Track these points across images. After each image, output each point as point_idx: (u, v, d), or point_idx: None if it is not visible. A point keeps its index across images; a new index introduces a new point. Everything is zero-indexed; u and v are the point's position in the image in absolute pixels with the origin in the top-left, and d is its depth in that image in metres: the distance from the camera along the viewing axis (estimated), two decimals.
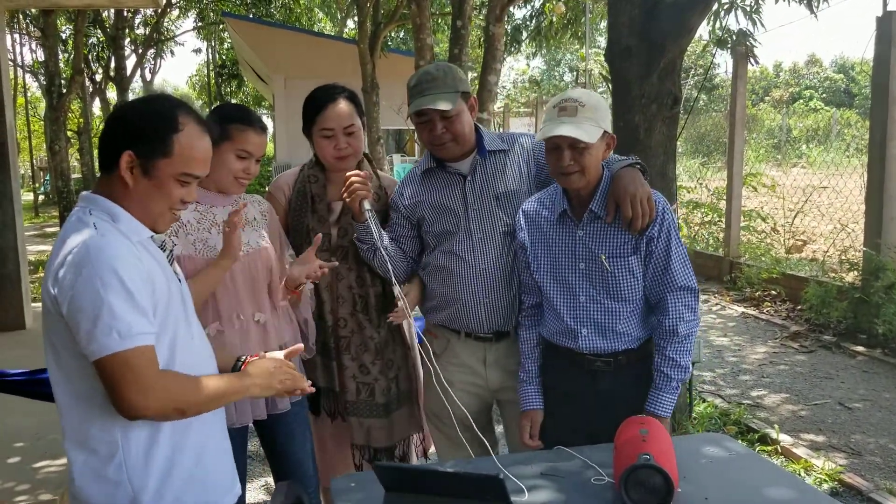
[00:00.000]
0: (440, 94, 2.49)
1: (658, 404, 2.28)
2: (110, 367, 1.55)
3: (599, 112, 2.23)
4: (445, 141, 2.54)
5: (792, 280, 7.64)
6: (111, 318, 1.54)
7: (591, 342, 2.32)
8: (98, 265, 1.55)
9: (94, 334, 1.54)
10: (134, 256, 1.62)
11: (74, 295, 1.55)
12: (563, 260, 2.36)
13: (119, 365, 1.55)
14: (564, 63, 45.17)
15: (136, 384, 1.56)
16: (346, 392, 2.71)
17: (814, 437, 4.46)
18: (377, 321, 2.72)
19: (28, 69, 25.78)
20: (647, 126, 4.10)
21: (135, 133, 1.66)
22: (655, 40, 4.00)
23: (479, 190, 2.59)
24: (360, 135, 2.68)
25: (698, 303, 2.34)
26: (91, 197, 1.71)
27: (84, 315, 1.54)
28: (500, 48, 9.26)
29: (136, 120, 1.68)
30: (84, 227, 1.62)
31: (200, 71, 34.16)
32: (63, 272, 1.56)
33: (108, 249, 1.58)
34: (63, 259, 1.58)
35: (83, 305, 1.54)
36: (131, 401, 1.57)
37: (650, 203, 2.24)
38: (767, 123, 19.31)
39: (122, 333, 1.55)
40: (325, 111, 2.63)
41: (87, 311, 1.54)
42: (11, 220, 7.22)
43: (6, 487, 3.83)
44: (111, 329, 1.54)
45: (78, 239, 1.59)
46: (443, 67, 2.57)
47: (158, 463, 1.69)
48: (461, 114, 2.53)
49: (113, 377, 1.56)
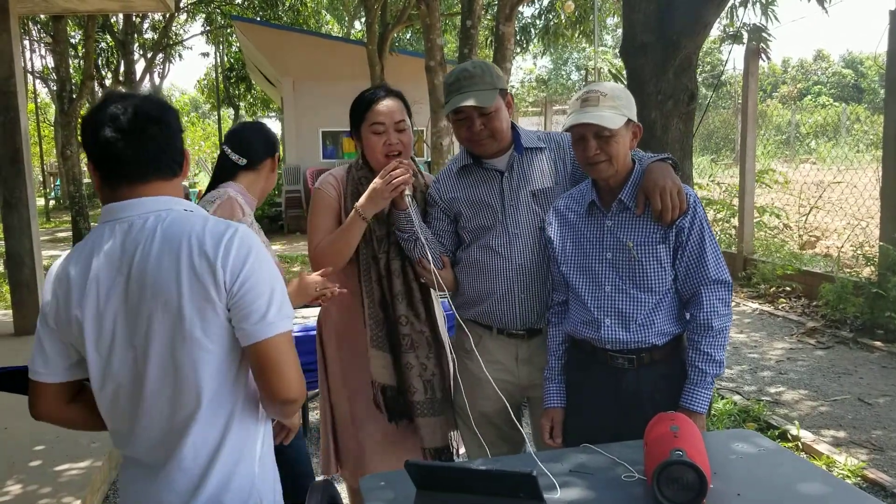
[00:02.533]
0: (478, 91, 2.49)
1: (693, 400, 2.27)
2: (278, 346, 1.61)
3: (622, 100, 2.24)
4: (483, 137, 2.55)
5: (807, 276, 7.61)
6: (282, 299, 1.64)
7: (614, 333, 2.31)
8: (260, 251, 1.65)
9: (269, 314, 1.60)
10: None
11: (248, 275, 1.60)
12: (590, 250, 2.36)
13: (286, 344, 1.63)
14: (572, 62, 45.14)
15: (293, 363, 1.64)
16: (416, 392, 2.68)
17: (835, 433, 4.43)
18: (425, 315, 2.72)
19: (38, 75, 25.91)
20: (664, 123, 4.08)
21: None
22: (671, 36, 3.98)
23: (517, 186, 2.59)
24: (409, 133, 2.68)
25: (731, 297, 2.33)
26: (164, 200, 1.71)
27: (260, 296, 1.60)
28: (510, 47, 9.26)
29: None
30: (209, 217, 1.69)
31: (209, 74, 34.23)
32: (231, 253, 1.60)
33: (255, 237, 1.67)
34: (227, 243, 1.60)
35: (259, 286, 1.60)
36: (289, 379, 1.63)
37: (681, 196, 2.24)
38: (776, 119, 19.25)
39: (289, 315, 1.65)
40: (375, 106, 2.64)
41: (263, 291, 1.61)
42: (27, 226, 7.26)
43: (29, 490, 3.84)
44: (283, 309, 1.63)
45: (222, 225, 1.65)
46: (480, 64, 2.58)
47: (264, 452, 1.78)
48: (499, 110, 2.54)
49: (279, 357, 1.61)
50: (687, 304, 2.35)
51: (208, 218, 1.67)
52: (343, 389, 2.80)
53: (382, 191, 2.51)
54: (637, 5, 4.11)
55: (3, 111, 7.10)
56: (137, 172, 1.67)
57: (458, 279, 2.76)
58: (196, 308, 1.59)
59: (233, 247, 1.61)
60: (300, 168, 16.79)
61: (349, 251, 2.63)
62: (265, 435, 1.80)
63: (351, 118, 2.70)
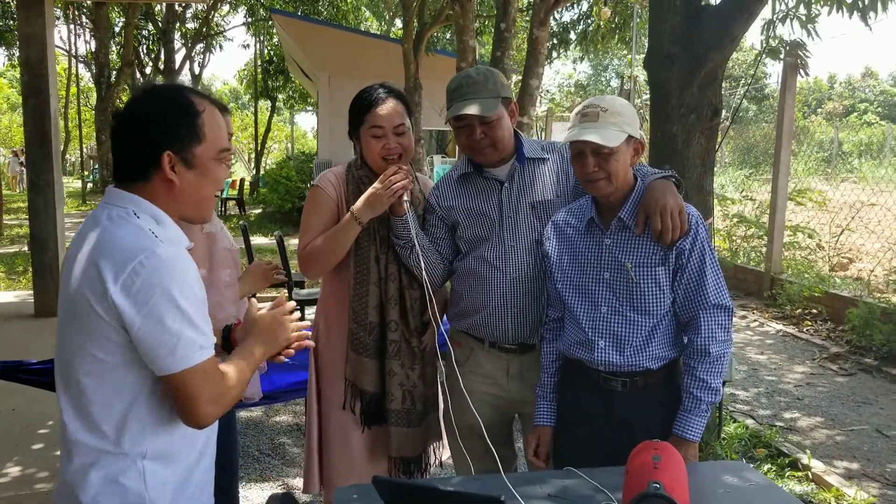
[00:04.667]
0: (480, 98, 2.43)
1: (686, 427, 2.19)
2: (191, 378, 1.54)
3: (623, 116, 2.16)
4: (484, 146, 2.49)
5: (835, 299, 7.41)
6: (194, 331, 1.53)
7: (607, 355, 2.24)
8: (174, 277, 1.51)
9: (178, 348, 1.51)
10: (193, 266, 1.60)
11: (154, 308, 1.49)
12: (588, 269, 2.29)
13: (199, 377, 1.54)
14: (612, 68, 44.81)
15: (210, 394, 1.56)
16: (393, 400, 2.63)
17: (848, 464, 4.30)
18: (419, 325, 2.67)
19: (81, 59, 26.34)
20: (685, 137, 3.99)
21: (166, 131, 1.62)
22: (697, 49, 3.89)
23: (516, 197, 2.53)
24: (410, 135, 2.63)
25: (731, 322, 2.24)
26: (129, 196, 1.63)
27: (167, 329, 1.50)
28: (543, 52, 9.17)
29: (164, 118, 1.62)
30: (139, 231, 1.56)
31: (248, 66, 34.54)
32: (136, 282, 1.49)
33: (177, 260, 1.55)
34: (132, 267, 1.49)
35: (165, 319, 1.50)
36: (203, 410, 1.56)
37: (682, 216, 2.16)
38: (818, 136, 18.91)
39: (203, 346, 1.55)
40: (374, 109, 2.58)
41: (169, 324, 1.50)
42: (52, 209, 7.33)
43: (28, 473, 3.87)
44: (195, 342, 1.53)
45: (141, 245, 1.52)
46: (483, 71, 2.52)
47: (174, 476, 1.66)
48: (501, 119, 2.48)
49: (191, 389, 1.54)
50: (685, 328, 2.27)
51: (125, 237, 1.55)
52: (336, 397, 2.74)
53: (381, 196, 2.47)
54: (664, 16, 4.03)
55: (34, 94, 7.19)
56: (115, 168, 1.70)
57: (453, 289, 2.70)
58: (83, 312, 1.54)
59: (140, 273, 1.50)
60: (332, 163, 16.83)
61: (340, 254, 2.58)
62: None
63: (350, 118, 2.65)
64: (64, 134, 28.55)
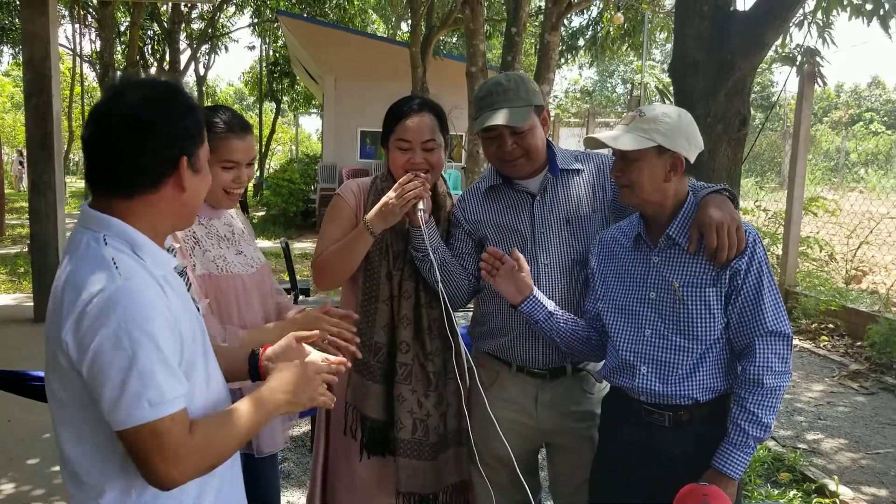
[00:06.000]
0: (512, 107, 2.26)
1: (728, 463, 2.00)
2: (137, 438, 1.34)
3: (659, 126, 1.99)
4: (516, 157, 2.32)
5: (852, 314, 7.23)
6: (141, 384, 1.32)
7: (649, 383, 2.06)
8: (126, 320, 1.32)
9: (120, 403, 1.32)
10: (162, 303, 1.38)
11: (98, 353, 1.32)
12: (633, 287, 2.12)
13: (148, 436, 1.34)
14: (618, 74, 44.69)
15: (166, 456, 1.35)
16: (402, 429, 2.43)
17: (875, 490, 4.12)
18: (434, 349, 2.48)
19: (86, 59, 26.23)
20: (712, 147, 3.82)
21: (182, 134, 1.45)
22: (725, 56, 3.72)
23: (549, 211, 2.36)
24: (439, 152, 2.45)
25: (791, 352, 2.05)
26: (103, 220, 1.43)
27: (109, 380, 1.32)
28: (555, 57, 9.02)
29: (178, 120, 1.45)
30: (103, 264, 1.36)
31: (253, 68, 34.42)
32: (83, 324, 1.32)
33: (135, 298, 1.34)
34: (83, 307, 1.32)
35: (108, 369, 1.32)
36: (161, 472, 1.36)
37: (739, 233, 1.99)
38: (825, 145, 18.75)
39: (153, 401, 1.33)
40: (404, 121, 2.42)
41: (112, 375, 1.32)
42: (53, 210, 7.19)
43: (22, 491, 3.71)
44: (140, 397, 1.32)
45: (98, 281, 1.34)
46: (514, 77, 2.34)
47: None
48: (534, 129, 2.31)
49: (141, 449, 1.35)
50: (738, 356, 2.08)
51: (84, 274, 1.37)
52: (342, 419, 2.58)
53: (394, 206, 2.30)
54: (690, 20, 3.87)
55: (37, 93, 7.05)
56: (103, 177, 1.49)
57: (478, 308, 2.54)
58: (52, 353, 1.40)
59: (89, 314, 1.33)
60: (336, 166, 16.71)
61: (353, 265, 2.42)
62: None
63: (383, 127, 2.51)
64: (67, 134, 28.44)
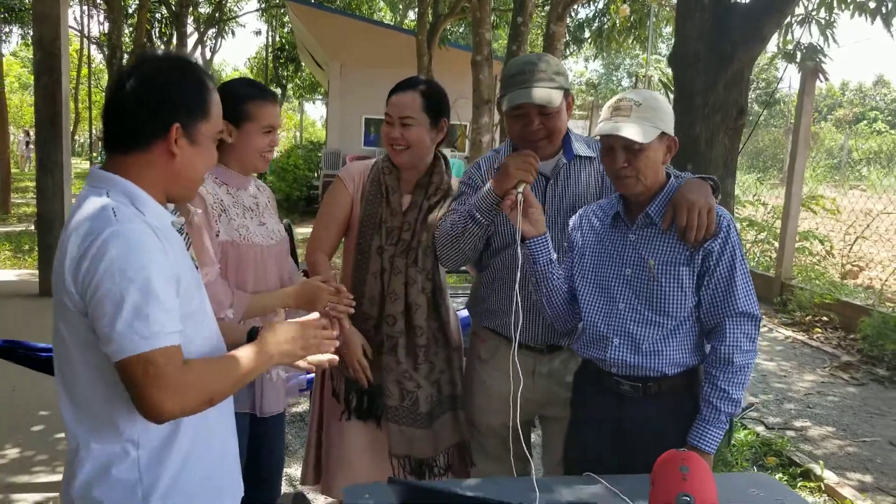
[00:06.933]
0: (544, 87, 2.30)
1: (703, 438, 2.10)
2: (131, 369, 1.43)
3: (658, 112, 2.08)
4: (540, 137, 2.37)
5: (846, 307, 7.32)
6: (133, 317, 1.42)
7: (621, 355, 2.15)
8: (120, 259, 1.42)
9: (114, 335, 1.42)
10: (158, 249, 1.49)
11: (95, 291, 1.42)
12: (609, 264, 2.21)
13: (141, 367, 1.43)
14: (624, 68, 44.65)
15: (159, 387, 1.44)
16: (390, 396, 2.54)
17: (861, 476, 4.22)
18: (425, 323, 2.57)
19: (94, 41, 26.29)
20: (709, 137, 3.91)
21: (181, 103, 1.56)
22: (724, 48, 3.80)
23: (560, 196, 2.44)
24: (418, 130, 2.52)
25: (758, 332, 2.15)
26: (107, 176, 1.56)
27: (105, 314, 1.42)
28: (560, 48, 9.09)
29: (180, 89, 1.57)
30: (102, 212, 1.48)
31: (259, 53, 34.45)
32: (83, 265, 1.44)
33: (130, 240, 1.45)
34: (83, 250, 1.44)
35: (104, 303, 1.42)
36: (155, 404, 1.45)
37: (710, 216, 2.07)
38: (828, 143, 18.79)
39: (144, 334, 1.42)
40: (390, 97, 2.55)
41: (107, 308, 1.42)
42: (60, 189, 7.27)
43: (26, 456, 3.81)
44: (132, 330, 1.42)
45: (97, 227, 1.45)
46: (545, 58, 2.38)
47: (173, 462, 1.58)
48: (561, 111, 2.37)
49: (135, 380, 1.44)
50: (708, 334, 2.18)
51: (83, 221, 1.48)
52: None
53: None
54: (691, 13, 3.94)
55: (47, 72, 7.12)
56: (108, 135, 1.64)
57: (480, 284, 2.62)
58: (59, 299, 1.52)
59: (88, 256, 1.44)
60: (340, 153, 16.78)
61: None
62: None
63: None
64: (73, 115, 28.52)
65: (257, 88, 2.37)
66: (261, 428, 2.44)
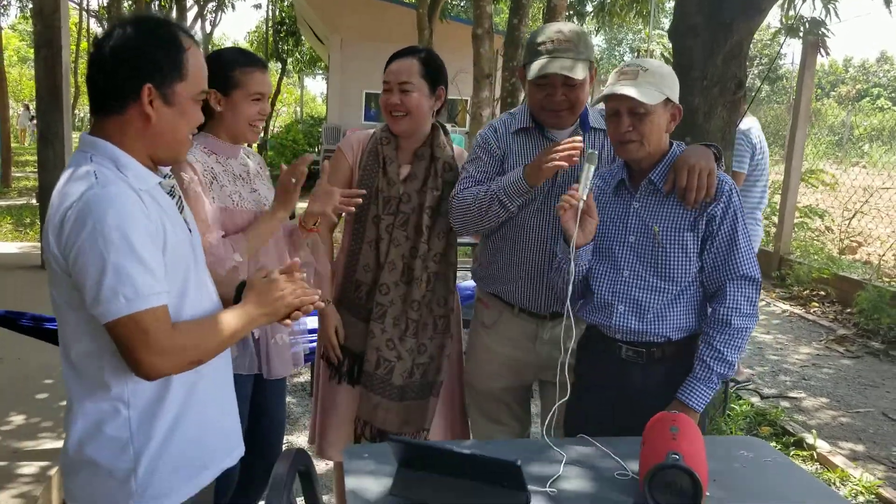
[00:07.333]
0: (572, 59, 2.31)
1: (692, 395, 2.13)
2: (119, 330, 1.47)
3: (665, 79, 2.11)
4: (563, 108, 2.39)
5: (843, 282, 7.37)
6: (116, 279, 1.44)
7: (626, 321, 2.20)
8: (100, 221, 1.43)
9: (99, 297, 1.44)
10: (140, 210, 1.50)
11: (77, 254, 1.45)
12: (613, 231, 2.25)
13: (129, 328, 1.46)
14: (626, 42, 44.35)
15: (149, 347, 1.47)
16: (367, 362, 2.59)
17: (853, 446, 4.29)
18: (420, 299, 2.60)
19: (93, 14, 26.12)
20: (707, 110, 3.92)
21: (149, 63, 1.55)
22: (724, 19, 3.81)
23: (574, 168, 2.47)
24: (417, 96, 2.54)
25: (758, 296, 2.19)
26: (91, 140, 1.57)
27: (88, 276, 1.44)
28: (562, 20, 9.04)
29: (148, 49, 1.55)
30: (84, 175, 1.50)
31: (259, 27, 34.20)
32: (65, 228, 1.46)
33: (110, 203, 1.45)
34: (64, 213, 1.46)
35: (87, 266, 1.44)
36: (146, 363, 1.49)
37: (710, 179, 2.11)
38: (830, 119, 18.71)
39: (128, 296, 1.45)
40: (388, 65, 2.58)
41: (90, 272, 1.44)
42: (61, 161, 7.26)
43: (31, 423, 3.86)
44: (116, 292, 1.44)
45: (77, 190, 1.47)
46: (576, 30, 2.40)
47: (164, 421, 1.61)
48: (584, 83, 2.38)
49: (124, 340, 1.47)
50: (710, 298, 2.22)
51: (65, 185, 1.51)
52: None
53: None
54: None
55: (46, 45, 7.10)
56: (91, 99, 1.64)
57: (484, 250, 2.64)
58: (49, 264, 1.55)
59: (69, 219, 1.46)
60: (340, 128, 16.73)
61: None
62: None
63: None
64: (73, 89, 28.37)
65: (245, 55, 2.37)
66: (263, 393, 2.49)
